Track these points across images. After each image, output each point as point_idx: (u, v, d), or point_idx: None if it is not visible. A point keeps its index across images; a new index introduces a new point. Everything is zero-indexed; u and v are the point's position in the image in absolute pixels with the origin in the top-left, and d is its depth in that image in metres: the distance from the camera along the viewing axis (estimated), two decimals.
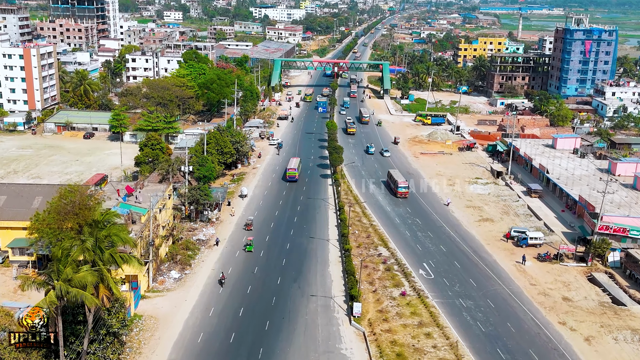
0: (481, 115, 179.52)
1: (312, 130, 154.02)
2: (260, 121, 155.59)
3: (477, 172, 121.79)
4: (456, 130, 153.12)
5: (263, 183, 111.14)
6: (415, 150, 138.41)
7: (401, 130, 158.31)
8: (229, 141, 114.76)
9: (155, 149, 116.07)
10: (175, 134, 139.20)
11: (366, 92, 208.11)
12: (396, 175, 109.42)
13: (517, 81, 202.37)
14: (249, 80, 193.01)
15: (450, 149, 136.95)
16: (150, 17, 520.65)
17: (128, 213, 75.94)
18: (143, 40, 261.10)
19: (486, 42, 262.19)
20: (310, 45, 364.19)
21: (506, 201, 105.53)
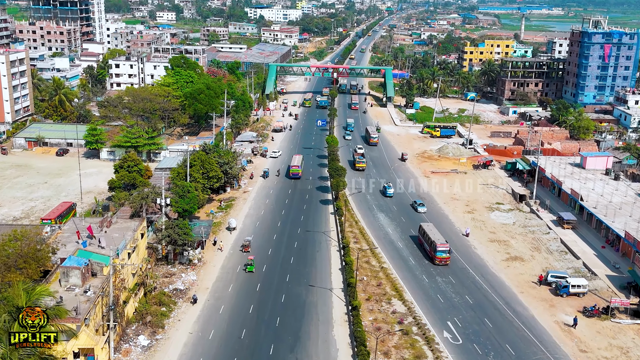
0: (493, 125, 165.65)
1: (310, 144, 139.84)
2: (253, 134, 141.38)
3: (497, 196, 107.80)
4: (468, 144, 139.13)
5: (255, 211, 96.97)
6: (425, 167, 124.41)
7: (407, 143, 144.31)
8: (216, 163, 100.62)
9: (132, 171, 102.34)
10: (158, 151, 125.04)
11: (368, 100, 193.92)
12: (432, 232, 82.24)
13: (529, 88, 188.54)
14: (241, 87, 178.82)
15: (465, 166, 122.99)
16: (142, 17, 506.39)
17: (86, 264, 61.81)
18: (130, 43, 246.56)
19: (493, 45, 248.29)
20: (307, 47, 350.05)
21: (535, 233, 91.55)
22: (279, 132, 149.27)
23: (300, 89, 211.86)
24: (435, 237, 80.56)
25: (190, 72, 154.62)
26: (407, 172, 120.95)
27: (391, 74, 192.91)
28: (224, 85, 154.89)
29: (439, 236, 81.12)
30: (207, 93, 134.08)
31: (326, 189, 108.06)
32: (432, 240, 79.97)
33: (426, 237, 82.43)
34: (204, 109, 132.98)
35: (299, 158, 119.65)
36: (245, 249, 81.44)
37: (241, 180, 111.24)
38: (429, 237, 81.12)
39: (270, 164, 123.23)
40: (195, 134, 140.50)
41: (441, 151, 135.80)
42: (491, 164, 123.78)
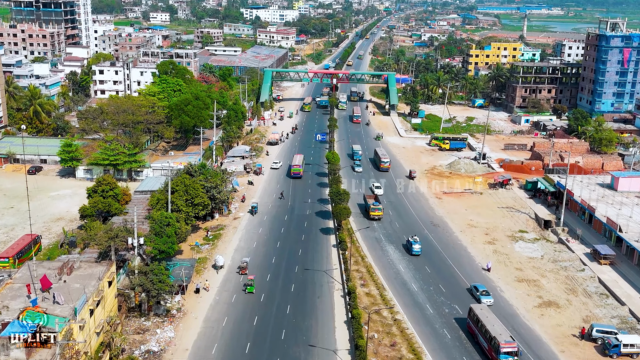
0: (506, 136, 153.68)
1: (308, 160, 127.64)
2: (246, 148, 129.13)
3: (519, 222, 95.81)
4: (482, 158, 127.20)
5: (246, 244, 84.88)
6: (436, 187, 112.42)
7: (415, 157, 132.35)
8: (202, 187, 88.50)
9: (108, 196, 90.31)
10: (140, 169, 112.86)
11: (369, 108, 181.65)
12: (489, 320, 60.14)
13: (542, 94, 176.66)
14: (234, 96, 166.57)
15: (480, 186, 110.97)
16: (136, 18, 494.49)
17: (34, 330, 49.85)
18: (118, 46, 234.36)
19: (500, 48, 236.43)
20: (304, 49, 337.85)
21: (568, 270, 79.62)
22: (274, 145, 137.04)
23: (298, 95, 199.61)
24: (496, 329, 58.36)
25: (178, 80, 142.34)
26: (417, 192, 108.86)
27: (394, 80, 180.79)
28: (214, 94, 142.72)
29: (501, 328, 58.78)
30: (194, 104, 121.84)
31: (327, 214, 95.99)
32: (491, 335, 57.94)
33: (481, 327, 60.32)
34: (192, 122, 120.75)
35: (300, 157, 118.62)
36: (242, 271, 74.84)
37: (231, 204, 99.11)
38: (486, 327, 59.11)
39: (269, 180, 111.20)
40: (182, 148, 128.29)
41: (452, 167, 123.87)
42: (509, 182, 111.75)
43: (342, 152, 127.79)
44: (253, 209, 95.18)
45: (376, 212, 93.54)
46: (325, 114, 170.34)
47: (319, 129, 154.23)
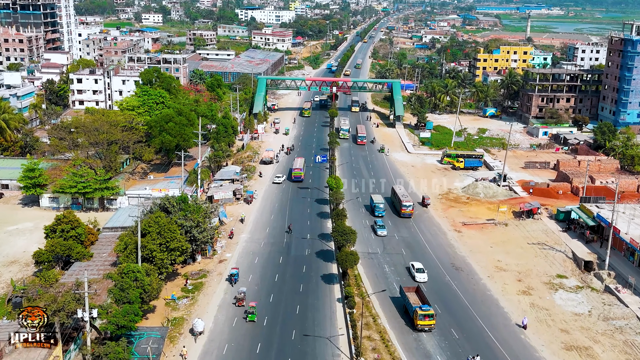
0: (524, 151, 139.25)
1: (306, 181, 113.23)
2: (236, 169, 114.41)
3: (555, 263, 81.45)
4: (502, 180, 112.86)
5: (232, 299, 70.19)
6: (453, 216, 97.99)
7: (426, 178, 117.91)
8: (181, 227, 74.07)
9: (69, 237, 76.06)
10: (113, 197, 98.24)
11: (372, 119, 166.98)
12: None
13: (560, 104, 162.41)
14: (224, 107, 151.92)
15: (505, 216, 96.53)
16: (127, 20, 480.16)
17: None
18: (103, 51, 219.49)
19: (509, 52, 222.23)
20: (301, 52, 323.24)
21: (625, 333, 65.29)
22: (268, 164, 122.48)
23: (295, 104, 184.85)
24: None
25: (161, 92, 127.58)
26: (432, 223, 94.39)
27: (399, 88, 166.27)
28: (201, 107, 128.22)
29: None
30: (177, 120, 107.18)
31: (329, 255, 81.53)
32: None
33: None
34: (174, 141, 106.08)
35: (301, 161, 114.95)
36: (239, 302, 67.71)
37: (217, 242, 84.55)
38: None
39: (262, 209, 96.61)
40: (164, 168, 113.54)
41: (469, 191, 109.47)
42: (538, 211, 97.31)
43: (344, 175, 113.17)
44: (233, 278, 72.89)
45: (426, 320, 63.02)
46: (325, 125, 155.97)
47: (317, 144, 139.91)
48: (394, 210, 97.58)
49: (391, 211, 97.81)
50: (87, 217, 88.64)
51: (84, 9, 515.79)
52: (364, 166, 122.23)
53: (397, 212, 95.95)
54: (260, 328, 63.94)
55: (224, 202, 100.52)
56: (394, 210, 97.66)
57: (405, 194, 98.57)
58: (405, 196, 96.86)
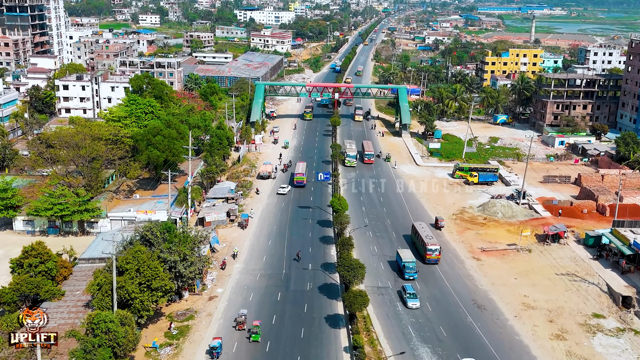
0: (541, 163, 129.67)
1: (307, 199, 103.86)
2: (230, 186, 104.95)
3: (589, 300, 72.03)
4: (521, 197, 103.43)
5: (224, 345, 60.72)
6: (470, 240, 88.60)
7: (437, 195, 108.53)
8: (164, 263, 64.78)
9: (38, 272, 66.97)
10: (94, 220, 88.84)
11: (377, 127, 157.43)
12: None
13: (576, 111, 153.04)
14: (219, 116, 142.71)
15: (528, 240, 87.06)
16: (124, 21, 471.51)
17: None
18: (94, 54, 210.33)
19: (519, 55, 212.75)
20: (301, 54, 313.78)
21: None
22: (266, 179, 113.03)
23: (295, 111, 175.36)
24: None
25: (151, 100, 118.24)
26: (447, 249, 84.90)
27: (405, 94, 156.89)
28: (194, 117, 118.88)
29: None
30: (166, 133, 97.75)
31: (334, 290, 72.14)
32: None
33: None
34: (162, 156, 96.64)
35: (303, 165, 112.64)
36: (239, 326, 63.07)
37: (207, 275, 75.18)
38: None
39: (258, 232, 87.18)
40: (153, 186, 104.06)
41: (486, 210, 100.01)
42: (564, 235, 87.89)
43: (349, 195, 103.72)
44: (214, 352, 58.05)
45: None
46: (327, 135, 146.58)
47: (319, 154, 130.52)
48: (415, 251, 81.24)
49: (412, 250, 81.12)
50: (64, 244, 79.85)
51: (81, 10, 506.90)
52: (370, 183, 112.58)
53: (419, 256, 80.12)
54: None
55: (216, 224, 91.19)
56: (414, 251, 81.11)
57: (429, 234, 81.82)
58: (430, 237, 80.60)
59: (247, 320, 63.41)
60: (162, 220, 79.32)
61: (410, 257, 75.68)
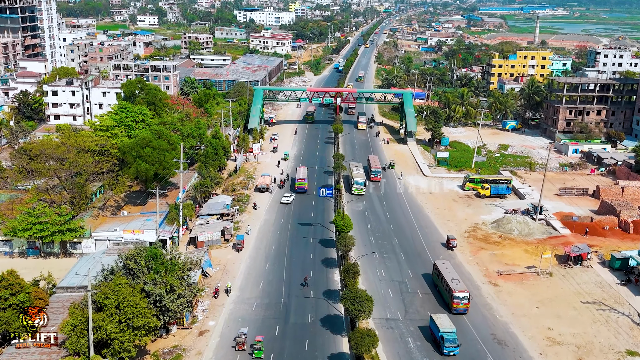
0: (555, 172, 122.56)
1: (308, 214, 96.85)
2: (226, 200, 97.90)
3: (621, 332, 65.00)
4: (538, 212, 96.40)
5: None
6: (485, 262, 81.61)
7: (448, 209, 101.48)
8: (147, 297, 57.86)
9: (9, 306, 60.12)
10: (77, 240, 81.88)
11: (381, 135, 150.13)
12: None
13: (590, 117, 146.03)
14: (215, 123, 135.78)
15: (548, 263, 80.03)
16: (123, 22, 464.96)
17: None
18: (88, 57, 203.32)
19: (527, 57, 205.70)
20: (301, 56, 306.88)
21: None
22: (264, 192, 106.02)
23: (295, 117, 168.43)
24: None
25: (142, 108, 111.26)
26: (461, 273, 77.66)
27: (411, 100, 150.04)
28: (187, 126, 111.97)
29: None
30: (156, 144, 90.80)
31: (339, 322, 65.08)
32: None
33: None
34: (151, 170, 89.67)
35: (304, 170, 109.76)
36: (239, 346, 59.59)
37: (197, 305, 68.21)
38: None
39: (255, 254, 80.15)
40: (143, 200, 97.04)
41: (500, 227, 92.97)
42: (588, 257, 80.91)
43: (352, 211, 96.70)
44: None
45: None
46: (328, 142, 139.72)
47: (320, 164, 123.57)
48: (437, 295, 70.44)
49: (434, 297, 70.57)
50: (44, 267, 73.49)
51: (78, 11, 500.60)
52: (375, 197, 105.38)
53: (443, 302, 69.00)
54: None
55: (210, 244, 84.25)
56: (437, 295, 70.52)
57: (455, 277, 68.32)
58: (457, 282, 66.95)
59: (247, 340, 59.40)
60: (148, 244, 72.65)
61: (449, 327, 60.19)
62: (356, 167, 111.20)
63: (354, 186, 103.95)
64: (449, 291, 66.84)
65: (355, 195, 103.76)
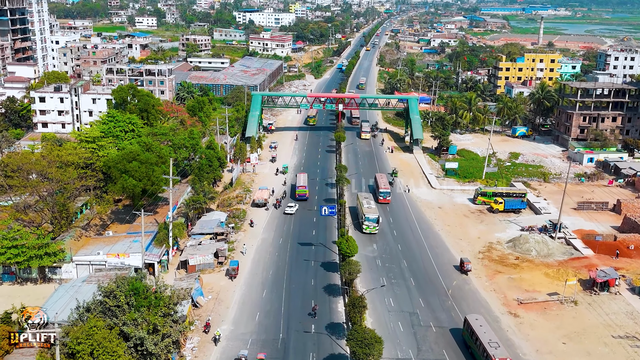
0: (571, 184, 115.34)
1: (309, 233, 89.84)
2: (220, 217, 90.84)
3: None
4: (557, 230, 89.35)
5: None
6: (503, 288, 74.56)
7: (459, 226, 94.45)
8: (126, 341, 50.86)
9: None
10: (57, 264, 74.90)
11: (385, 142, 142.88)
12: None
13: (605, 123, 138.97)
14: (210, 130, 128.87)
15: (572, 290, 72.99)
16: (120, 23, 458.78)
17: None
18: (81, 61, 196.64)
19: (535, 60, 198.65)
20: (301, 58, 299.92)
21: None
22: (262, 207, 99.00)
23: (295, 124, 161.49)
24: None
25: (132, 117, 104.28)
26: (477, 301, 70.86)
27: (417, 106, 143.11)
28: (180, 137, 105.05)
29: None
30: (143, 158, 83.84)
31: None
32: None
33: None
34: (139, 185, 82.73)
35: (304, 177, 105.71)
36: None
37: (186, 341, 61.19)
38: None
39: (250, 280, 73.09)
40: (130, 218, 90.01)
41: (517, 246, 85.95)
42: (616, 283, 73.90)
43: (358, 233, 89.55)
44: None
45: None
46: (330, 151, 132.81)
47: (322, 175, 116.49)
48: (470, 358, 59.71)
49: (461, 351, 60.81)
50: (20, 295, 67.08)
51: (76, 12, 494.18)
52: (381, 213, 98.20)
53: None
54: None
55: (202, 268, 77.29)
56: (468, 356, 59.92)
57: (493, 338, 57.25)
58: (495, 346, 55.79)
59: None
60: (134, 270, 65.88)
61: None
62: (366, 200, 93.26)
63: (366, 224, 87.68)
64: (487, 357, 55.50)
65: (368, 233, 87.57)
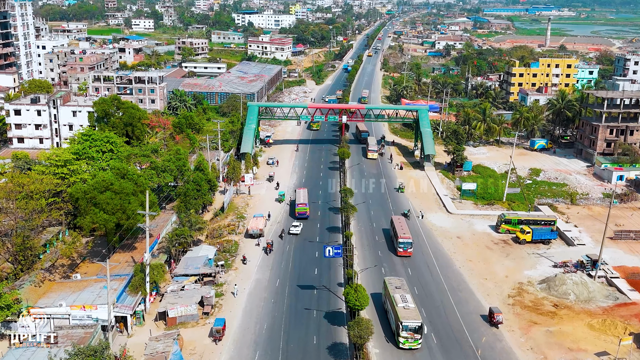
0: (602, 207, 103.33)
1: (311, 272, 77.91)
2: (208, 253, 78.99)
3: None
4: (597, 268, 77.36)
5: None
6: (540, 344, 62.53)
7: (482, 262, 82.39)
8: None
9: None
10: (10, 319, 62.97)
11: (393, 159, 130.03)
12: None
13: (634, 136, 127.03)
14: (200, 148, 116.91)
15: (627, 350, 60.98)
16: (117, 26, 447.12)
17: None
18: (67, 67, 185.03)
19: (550, 65, 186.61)
20: (302, 62, 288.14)
21: None
22: (257, 238, 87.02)
23: (295, 136, 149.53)
24: None
25: (110, 135, 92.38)
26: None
27: (427, 117, 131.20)
28: (163, 158, 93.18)
29: None
30: (118, 188, 71.95)
31: None
32: None
33: None
34: (111, 220, 70.80)
35: (304, 193, 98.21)
36: None
37: None
38: None
39: (240, 341, 61.11)
40: (101, 257, 77.96)
41: (552, 289, 73.91)
42: None
43: (367, 273, 77.44)
44: None
45: None
46: (333, 168, 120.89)
47: (325, 199, 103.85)
48: None
49: None
50: None
51: (72, 15, 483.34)
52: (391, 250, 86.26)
53: None
54: None
55: (183, 320, 65.42)
56: None
57: None
58: None
59: None
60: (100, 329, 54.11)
61: None
62: (400, 294, 63.96)
63: (403, 335, 59.27)
64: None
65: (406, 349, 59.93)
